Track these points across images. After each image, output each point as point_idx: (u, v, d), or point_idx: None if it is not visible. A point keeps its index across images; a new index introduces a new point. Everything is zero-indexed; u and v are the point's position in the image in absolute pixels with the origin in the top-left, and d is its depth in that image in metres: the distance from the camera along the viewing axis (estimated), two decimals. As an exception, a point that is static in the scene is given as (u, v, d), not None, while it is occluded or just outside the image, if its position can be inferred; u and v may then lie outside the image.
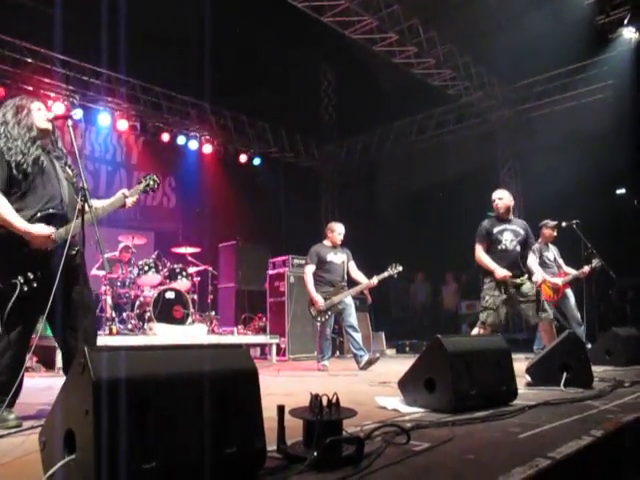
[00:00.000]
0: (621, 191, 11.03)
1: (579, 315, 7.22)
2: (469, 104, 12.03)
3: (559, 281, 7.27)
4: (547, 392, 3.93)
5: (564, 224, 7.51)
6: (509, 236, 5.57)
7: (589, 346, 6.30)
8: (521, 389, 3.74)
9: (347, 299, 6.68)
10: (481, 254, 5.55)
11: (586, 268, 7.38)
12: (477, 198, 6.12)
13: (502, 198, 5.71)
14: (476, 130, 12.52)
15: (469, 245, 5.75)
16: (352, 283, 6.89)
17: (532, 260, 5.81)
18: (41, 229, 3.05)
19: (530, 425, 2.74)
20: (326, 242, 6.94)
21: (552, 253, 7.58)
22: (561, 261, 7.63)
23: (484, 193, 5.98)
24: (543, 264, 7.38)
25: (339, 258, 6.83)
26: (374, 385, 4.75)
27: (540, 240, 7.54)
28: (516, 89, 11.70)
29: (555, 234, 7.60)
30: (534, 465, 2.00)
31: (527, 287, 5.45)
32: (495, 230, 5.59)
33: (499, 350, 3.59)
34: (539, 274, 5.68)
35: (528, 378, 4.41)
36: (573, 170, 9.33)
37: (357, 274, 6.86)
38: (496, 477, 1.87)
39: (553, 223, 7.58)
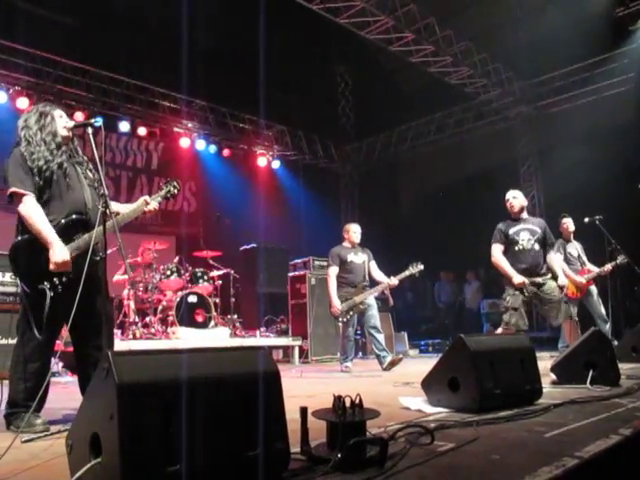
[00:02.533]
0: (645, 185, 10.84)
1: (604, 312, 7.10)
2: (488, 101, 11.94)
3: (582, 279, 7.15)
4: (573, 390, 3.87)
5: (587, 220, 7.38)
6: (526, 235, 5.48)
7: (615, 343, 6.20)
8: (546, 388, 3.69)
9: (369, 299, 6.66)
10: (498, 257, 5.48)
11: (608, 266, 7.21)
12: (498, 196, 6.05)
13: (516, 197, 5.66)
14: (495, 127, 12.43)
15: (489, 242, 5.68)
16: (373, 283, 6.87)
17: (554, 259, 5.72)
18: (60, 254, 3.02)
19: (556, 424, 2.70)
20: (345, 243, 6.93)
21: (575, 249, 7.42)
22: (585, 258, 7.48)
23: (505, 190, 5.91)
24: (566, 260, 7.27)
25: (359, 258, 6.81)
26: (397, 386, 4.72)
27: (562, 236, 7.44)
28: (535, 85, 11.58)
29: (571, 228, 7.44)
30: (561, 465, 1.97)
31: (550, 287, 5.37)
32: (511, 231, 5.52)
33: (523, 348, 3.55)
34: (563, 277, 5.59)
35: (553, 376, 4.36)
36: (595, 165, 9.21)
37: (378, 274, 6.83)
38: (523, 477, 1.84)
39: (562, 217, 7.47)
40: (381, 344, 6.52)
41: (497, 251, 5.51)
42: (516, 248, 5.46)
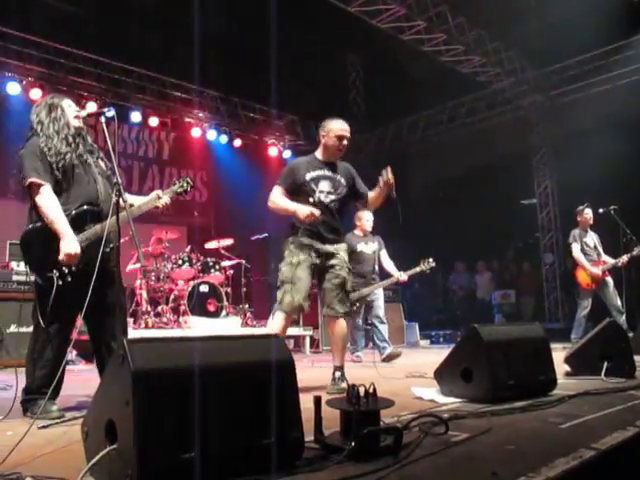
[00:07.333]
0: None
1: (620, 303, 7.03)
2: (500, 90, 11.80)
3: (598, 271, 7.08)
4: (587, 382, 3.85)
5: (601, 210, 7.31)
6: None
7: (630, 335, 6.14)
8: (560, 379, 3.67)
9: (377, 290, 6.65)
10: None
11: (624, 258, 7.14)
12: (510, 186, 5.98)
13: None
14: (508, 117, 12.28)
15: (501, 233, 5.61)
16: (382, 271, 6.82)
17: None
18: (72, 246, 3.04)
19: (571, 415, 2.68)
20: (357, 231, 6.90)
21: (592, 239, 7.36)
22: (600, 249, 7.41)
23: (517, 180, 5.84)
24: (582, 251, 7.22)
25: (370, 248, 6.78)
26: (410, 376, 4.72)
27: (579, 226, 7.38)
28: (548, 74, 11.43)
29: (591, 218, 7.37)
30: (578, 456, 1.95)
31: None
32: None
33: (537, 339, 3.53)
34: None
35: (567, 368, 4.33)
36: (609, 155, 9.09)
37: (388, 264, 6.81)
38: (539, 467, 1.83)
39: (585, 207, 7.38)
40: (383, 335, 6.51)
41: None
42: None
